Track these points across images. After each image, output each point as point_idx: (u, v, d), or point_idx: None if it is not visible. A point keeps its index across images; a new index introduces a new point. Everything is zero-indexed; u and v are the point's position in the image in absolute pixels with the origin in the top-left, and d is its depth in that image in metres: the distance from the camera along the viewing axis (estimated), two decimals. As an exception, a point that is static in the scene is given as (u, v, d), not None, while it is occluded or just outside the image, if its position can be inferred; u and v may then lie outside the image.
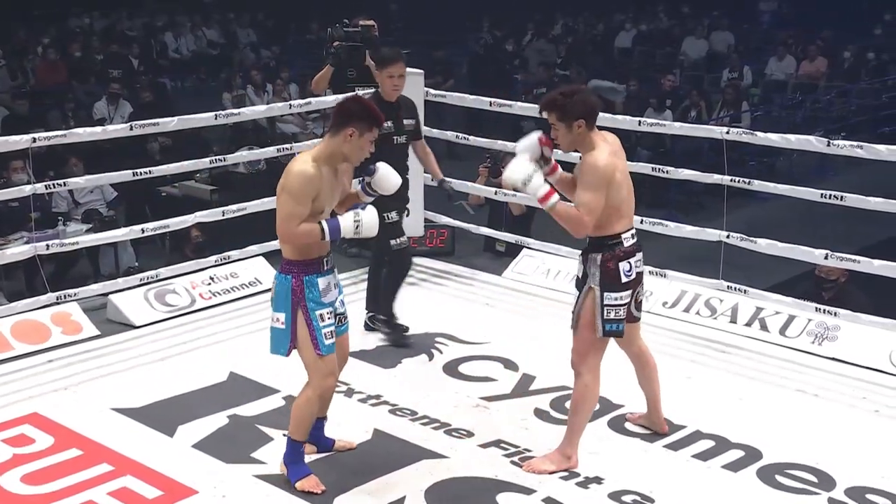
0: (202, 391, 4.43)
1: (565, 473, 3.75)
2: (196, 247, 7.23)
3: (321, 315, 3.52)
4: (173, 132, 7.91)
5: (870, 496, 3.64)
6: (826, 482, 3.72)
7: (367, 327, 5.08)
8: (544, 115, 3.63)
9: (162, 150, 9.36)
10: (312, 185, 3.42)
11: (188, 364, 4.73)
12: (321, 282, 3.53)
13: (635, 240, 3.67)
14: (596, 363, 3.69)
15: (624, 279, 3.60)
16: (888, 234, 8.71)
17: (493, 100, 6.14)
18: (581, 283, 3.70)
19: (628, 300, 3.64)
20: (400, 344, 4.94)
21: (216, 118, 5.75)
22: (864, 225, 8.36)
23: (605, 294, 3.59)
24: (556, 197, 3.54)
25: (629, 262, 3.61)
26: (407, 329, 5.01)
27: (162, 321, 5.22)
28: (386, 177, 3.63)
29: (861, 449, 3.98)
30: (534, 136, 3.69)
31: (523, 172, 3.55)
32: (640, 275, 3.69)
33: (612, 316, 3.61)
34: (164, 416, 4.18)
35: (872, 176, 9.04)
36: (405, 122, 4.97)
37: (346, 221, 3.49)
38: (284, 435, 3.68)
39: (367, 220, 3.50)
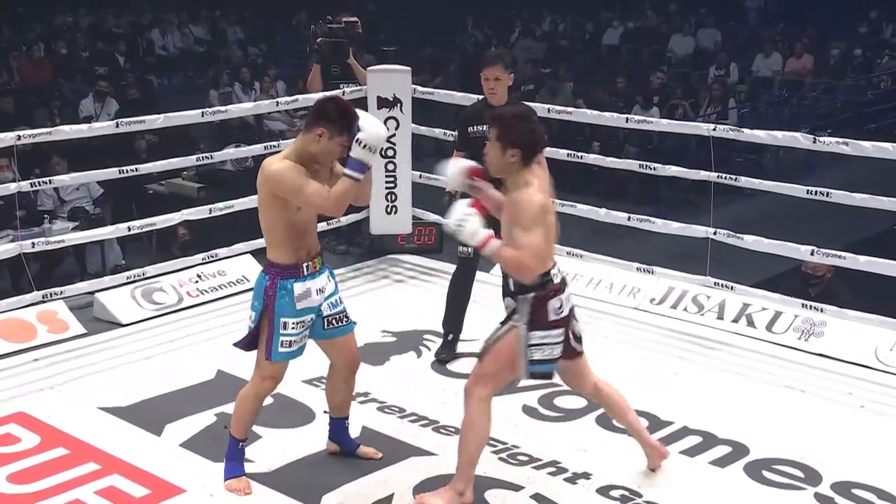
0: (190, 389, 4.42)
1: (554, 469, 3.76)
2: (183, 245, 7.20)
3: (284, 323, 3.46)
4: (160, 130, 7.87)
5: (856, 491, 3.66)
6: (812, 477, 3.74)
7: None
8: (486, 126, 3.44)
9: (149, 148, 9.32)
10: (299, 171, 3.37)
11: (175, 362, 4.71)
12: (297, 287, 3.46)
13: (562, 276, 3.45)
14: (487, 395, 3.47)
15: (553, 317, 3.38)
16: (874, 231, 8.76)
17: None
18: (505, 319, 3.48)
19: (561, 338, 3.42)
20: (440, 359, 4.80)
21: (203, 115, 5.74)
22: (851, 221, 8.40)
23: (532, 333, 3.38)
24: (495, 242, 3.31)
25: (560, 300, 3.41)
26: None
27: (149, 319, 5.20)
28: (369, 124, 3.34)
29: (847, 444, 4.01)
30: (455, 167, 3.51)
31: (456, 217, 3.33)
32: (571, 310, 3.48)
33: (537, 356, 3.40)
34: (151, 414, 4.16)
35: (858, 172, 9.09)
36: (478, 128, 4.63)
37: (356, 152, 3.30)
38: (225, 427, 3.69)
39: (367, 135, 3.28)
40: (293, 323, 3.48)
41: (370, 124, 3.33)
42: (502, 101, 4.70)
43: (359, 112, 3.41)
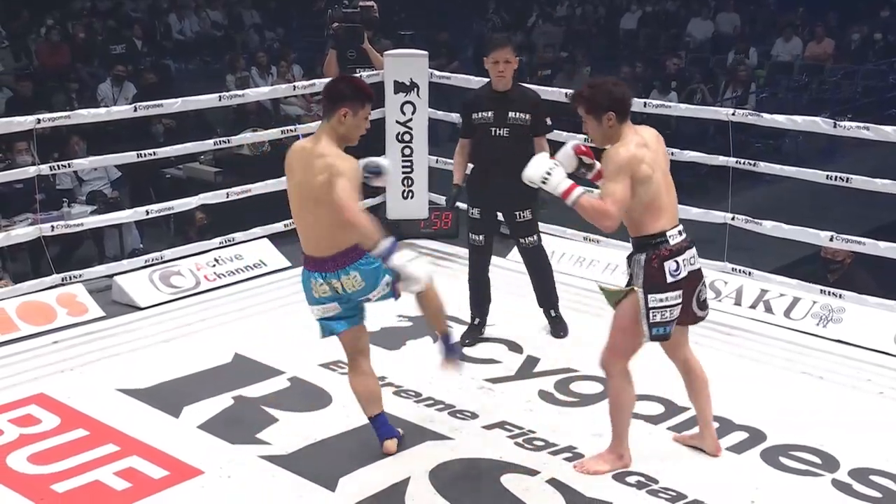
0: (207, 372, 4.44)
1: (570, 454, 3.76)
2: (200, 229, 7.24)
3: (387, 282, 3.54)
4: (177, 114, 7.92)
5: (874, 478, 3.64)
6: (830, 464, 3.72)
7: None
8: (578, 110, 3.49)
9: (166, 132, 9.35)
10: (353, 170, 3.42)
11: (193, 345, 4.74)
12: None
13: (684, 237, 3.47)
14: (625, 365, 3.56)
15: (670, 279, 3.39)
16: (895, 217, 8.68)
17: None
18: (626, 284, 3.52)
19: (678, 301, 3.43)
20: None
21: (220, 100, 5.75)
22: (871, 207, 8.34)
23: (650, 296, 3.40)
24: (578, 191, 3.36)
25: (676, 261, 3.41)
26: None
27: (167, 303, 5.23)
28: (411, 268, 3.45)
29: (865, 431, 3.98)
30: (568, 147, 3.58)
31: (542, 168, 3.42)
32: (694, 273, 3.49)
33: (657, 319, 3.42)
34: (169, 396, 4.19)
35: (879, 158, 9.01)
36: (511, 114, 4.60)
37: (401, 256, 3.39)
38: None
39: (416, 269, 3.45)
40: (318, 310, 3.66)
41: (411, 267, 3.42)
42: (509, 86, 4.64)
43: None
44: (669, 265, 3.42)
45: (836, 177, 4.95)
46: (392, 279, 3.52)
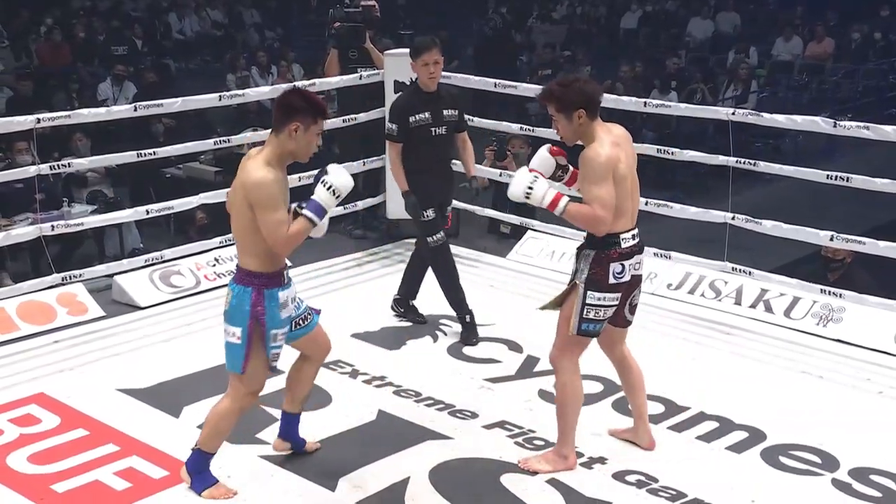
0: (207, 372, 4.43)
1: (569, 454, 3.76)
2: (200, 228, 7.23)
3: (274, 335, 3.31)
4: (177, 114, 7.90)
5: (873, 477, 3.64)
6: (830, 463, 3.73)
7: (393, 309, 5.06)
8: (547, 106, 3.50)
9: (166, 132, 9.34)
10: (279, 187, 3.24)
11: (193, 345, 4.74)
12: (281, 296, 3.31)
13: (636, 241, 3.48)
14: (574, 360, 3.56)
15: (612, 280, 3.42)
16: (895, 216, 8.68)
17: (497, 81, 6.12)
18: (571, 277, 3.55)
19: (614, 303, 3.46)
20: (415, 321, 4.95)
21: (220, 99, 5.75)
22: (871, 207, 8.34)
23: (589, 293, 3.43)
24: (564, 200, 3.38)
25: (622, 265, 3.43)
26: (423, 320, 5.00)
27: (167, 302, 5.23)
28: (339, 171, 3.31)
29: (865, 430, 3.98)
30: (543, 151, 3.58)
31: (524, 183, 3.41)
32: (636, 279, 3.52)
33: (590, 315, 3.45)
34: (169, 396, 4.19)
35: (880, 157, 9.00)
36: (445, 112, 4.77)
37: (320, 194, 3.24)
38: (192, 449, 3.47)
39: (336, 179, 3.25)
40: (281, 334, 3.34)
41: (338, 171, 3.30)
42: (436, 86, 4.79)
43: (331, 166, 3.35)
44: (615, 267, 3.43)
45: (836, 176, 4.95)
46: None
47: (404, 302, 5.05)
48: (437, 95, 4.79)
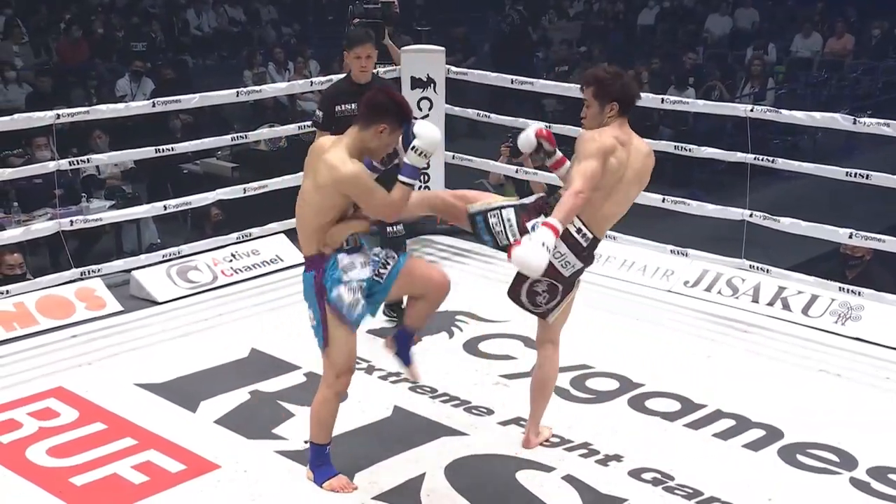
0: (224, 367, 4.46)
1: (585, 451, 3.75)
2: (216, 225, 7.26)
3: (339, 295, 3.37)
4: (195, 109, 7.94)
5: (892, 476, 3.62)
6: (848, 462, 3.71)
7: (385, 314, 4.97)
8: (583, 90, 3.49)
9: (183, 128, 9.39)
10: (366, 173, 3.35)
11: (210, 340, 4.76)
12: (342, 257, 3.39)
13: (592, 251, 3.50)
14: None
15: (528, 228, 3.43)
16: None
17: (514, 77, 6.11)
18: None
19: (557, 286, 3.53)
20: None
21: (238, 95, 5.76)
22: (891, 204, 8.26)
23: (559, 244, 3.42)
24: (555, 221, 3.32)
25: (536, 224, 3.39)
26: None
27: (184, 297, 5.26)
28: (425, 130, 3.34)
29: (883, 429, 3.96)
30: (529, 130, 3.60)
31: (536, 256, 3.28)
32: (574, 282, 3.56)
33: (493, 221, 3.57)
34: (186, 391, 4.22)
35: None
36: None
37: (410, 156, 3.31)
38: (306, 442, 3.57)
39: (424, 132, 3.30)
40: (346, 290, 3.38)
41: (426, 130, 3.34)
42: (369, 78, 4.81)
43: (415, 119, 3.42)
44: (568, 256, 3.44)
45: (855, 173, 4.91)
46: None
47: (395, 306, 4.95)
48: (368, 87, 4.70)
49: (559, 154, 3.65)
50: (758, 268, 5.21)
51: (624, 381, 4.26)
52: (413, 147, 3.33)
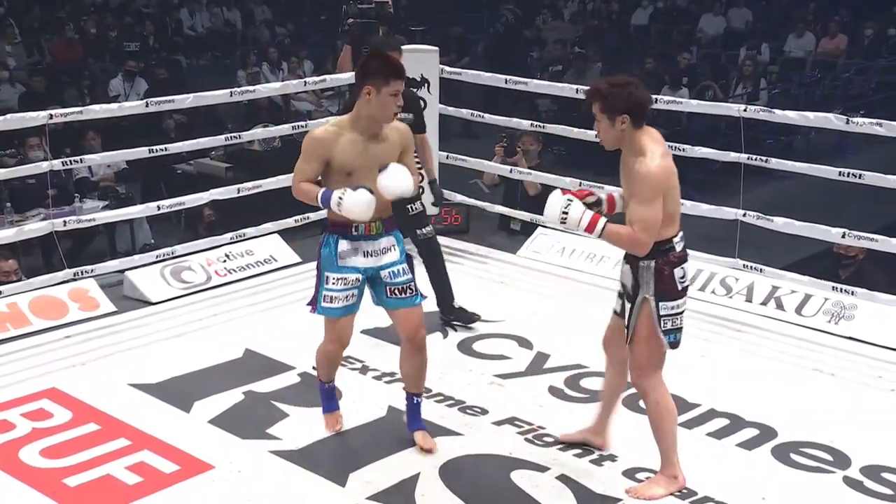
0: (218, 367, 4.46)
1: (580, 451, 3.76)
2: (208, 225, 7.26)
3: (327, 277, 3.55)
4: (188, 110, 7.94)
5: (885, 475, 3.63)
6: (841, 461, 3.71)
7: (442, 320, 4.95)
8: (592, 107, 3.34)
9: (177, 128, 9.37)
10: (316, 143, 3.45)
11: (204, 340, 4.76)
12: (342, 244, 3.53)
13: (684, 243, 3.39)
14: (658, 376, 3.43)
15: (679, 286, 3.33)
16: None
17: (508, 77, 6.11)
18: (632, 294, 3.38)
19: (685, 308, 3.38)
20: (471, 321, 4.91)
21: (231, 95, 5.75)
22: (884, 203, 8.28)
23: (661, 304, 3.32)
24: (602, 222, 3.27)
25: (683, 268, 3.35)
26: (475, 316, 4.94)
27: (178, 298, 5.25)
28: (389, 178, 3.42)
29: (877, 428, 3.97)
30: (560, 197, 3.34)
31: (558, 207, 3.28)
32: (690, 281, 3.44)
33: (669, 326, 3.35)
34: (180, 391, 4.21)
35: (893, 154, 8.96)
36: (400, 116, 4.73)
37: (333, 196, 3.41)
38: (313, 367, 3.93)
39: (347, 202, 3.37)
40: (334, 278, 3.54)
41: (353, 199, 3.37)
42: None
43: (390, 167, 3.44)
44: (678, 272, 3.35)
45: (848, 173, 4.92)
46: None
47: (447, 308, 4.95)
48: None
49: (603, 196, 3.48)
50: (751, 267, 5.22)
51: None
52: (349, 191, 3.38)
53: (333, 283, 3.55)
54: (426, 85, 6.10)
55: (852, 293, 4.88)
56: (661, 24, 15.79)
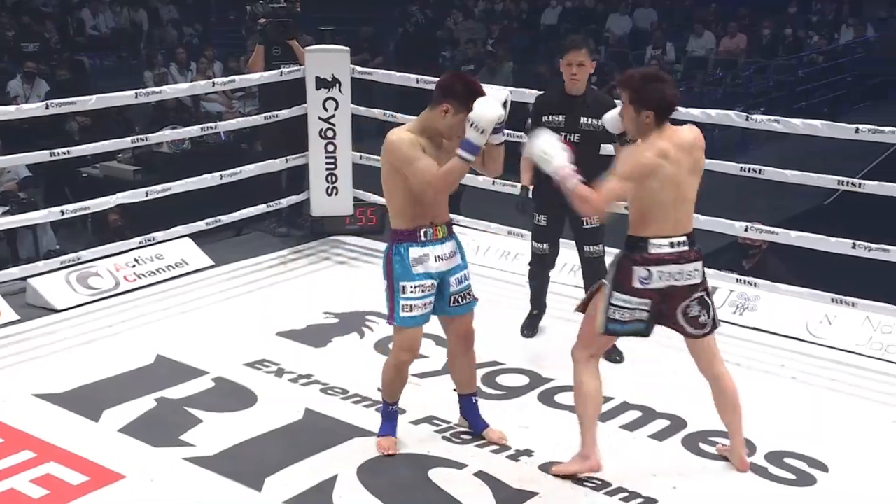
0: (128, 374, 4.35)
1: (496, 447, 3.79)
2: (116, 230, 7.08)
3: (403, 286, 3.53)
4: (94, 111, 7.72)
5: (788, 460, 3.76)
6: (748, 448, 3.82)
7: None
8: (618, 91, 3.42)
9: (81, 130, 9.11)
10: (415, 144, 3.44)
11: (113, 347, 4.64)
12: (413, 251, 3.53)
13: (675, 250, 3.38)
14: (588, 353, 3.52)
15: (637, 285, 3.36)
16: (806, 207, 8.98)
17: (419, 77, 6.13)
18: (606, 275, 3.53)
19: (642, 307, 3.40)
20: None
21: (137, 97, 5.62)
22: (787, 198, 8.60)
23: (614, 293, 3.41)
24: (574, 180, 3.31)
25: (649, 270, 3.36)
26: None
27: (85, 304, 5.11)
28: (479, 105, 3.33)
29: (780, 415, 4.11)
30: (552, 142, 3.40)
31: (543, 147, 3.34)
32: (679, 289, 3.40)
33: (616, 316, 3.42)
34: (88, 400, 4.09)
35: (793, 150, 9.29)
36: (583, 120, 4.43)
37: (468, 131, 3.33)
38: (378, 389, 3.83)
39: (477, 112, 3.30)
40: (411, 287, 3.54)
41: (480, 105, 3.35)
42: (582, 90, 4.50)
43: (486, 90, 3.44)
44: (639, 271, 3.37)
45: (749, 168, 5.09)
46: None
47: (537, 317, 4.91)
48: (580, 101, 4.46)
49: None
50: (660, 262, 5.33)
51: (534, 376, 4.32)
52: (468, 120, 3.35)
53: (412, 292, 3.54)
54: (338, 85, 6.07)
55: (755, 285, 5.05)
56: (570, 23, 16.04)
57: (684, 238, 3.44)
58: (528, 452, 3.76)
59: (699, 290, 3.48)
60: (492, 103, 3.37)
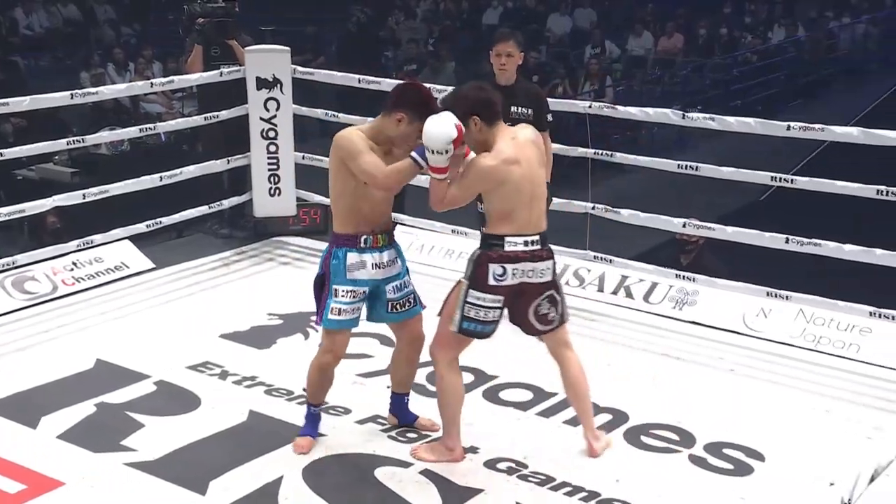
0: (67, 380, 4.28)
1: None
2: (54, 233, 6.94)
3: (335, 289, 3.56)
4: (28, 113, 7.56)
5: (726, 450, 3.84)
6: (687, 440, 3.90)
7: None
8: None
9: (16, 132, 8.91)
10: (363, 141, 3.43)
11: (51, 353, 4.56)
12: (351, 256, 3.55)
13: (529, 248, 3.47)
14: (451, 355, 3.58)
15: (491, 282, 3.43)
16: (742, 203, 9.18)
17: (361, 77, 6.12)
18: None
19: (496, 305, 3.47)
20: None
21: (72, 98, 5.52)
22: (724, 195, 8.78)
23: (470, 291, 3.47)
24: (445, 175, 3.37)
25: (504, 267, 3.43)
26: None
27: (21, 309, 5.00)
28: (428, 125, 3.32)
29: (719, 407, 4.20)
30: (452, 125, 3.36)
31: (445, 126, 3.29)
32: (533, 286, 3.49)
33: (471, 315, 3.48)
34: (25, 407, 4.02)
35: (728, 148, 9.48)
36: (513, 109, 4.49)
37: (426, 151, 3.34)
38: (304, 389, 3.84)
39: (427, 127, 3.30)
40: (343, 291, 3.56)
41: (428, 126, 3.32)
42: (512, 80, 4.59)
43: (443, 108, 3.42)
44: (495, 268, 3.45)
45: (685, 165, 5.20)
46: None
47: None
48: (511, 91, 4.50)
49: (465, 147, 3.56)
50: (601, 258, 5.42)
51: (478, 373, 4.35)
52: (423, 139, 3.35)
53: (343, 296, 3.56)
54: (279, 85, 6.03)
55: (693, 280, 5.15)
56: (512, 23, 16.13)
57: (538, 237, 3.53)
58: (474, 449, 3.78)
59: (550, 288, 3.59)
60: (440, 123, 3.34)
